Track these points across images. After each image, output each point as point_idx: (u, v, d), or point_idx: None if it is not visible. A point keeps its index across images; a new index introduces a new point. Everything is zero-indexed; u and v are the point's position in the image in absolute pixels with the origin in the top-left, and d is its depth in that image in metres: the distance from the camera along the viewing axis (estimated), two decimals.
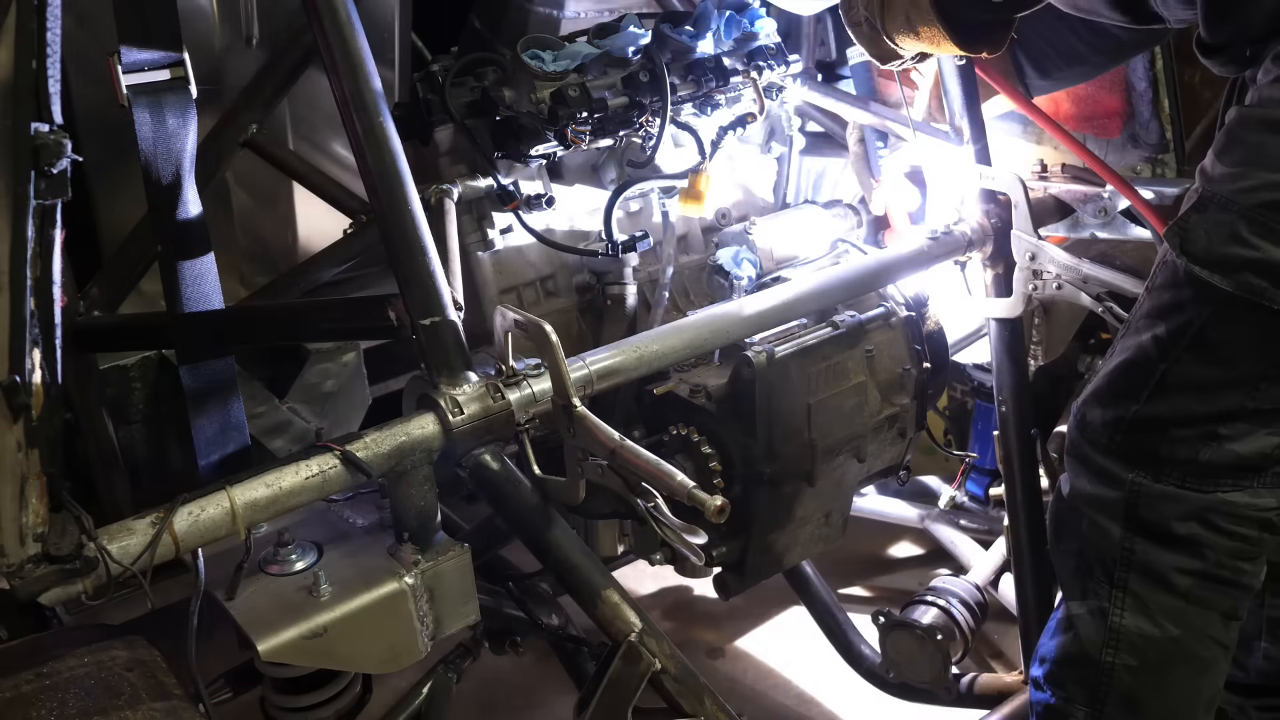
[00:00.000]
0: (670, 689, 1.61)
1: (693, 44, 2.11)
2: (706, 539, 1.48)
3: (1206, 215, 1.57)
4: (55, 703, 1.36)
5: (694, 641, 2.89)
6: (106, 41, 1.67)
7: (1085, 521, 1.77)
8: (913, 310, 2.23)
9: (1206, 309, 1.60)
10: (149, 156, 1.65)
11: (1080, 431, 1.78)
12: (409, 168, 1.63)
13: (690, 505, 1.42)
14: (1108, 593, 1.75)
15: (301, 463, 1.52)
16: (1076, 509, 1.79)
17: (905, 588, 3.05)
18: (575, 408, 1.54)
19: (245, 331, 2.12)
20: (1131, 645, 1.75)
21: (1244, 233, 1.52)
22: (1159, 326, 1.67)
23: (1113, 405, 1.73)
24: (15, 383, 1.31)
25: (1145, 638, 1.74)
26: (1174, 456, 1.67)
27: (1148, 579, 1.72)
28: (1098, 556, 1.77)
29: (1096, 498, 1.75)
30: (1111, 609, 1.75)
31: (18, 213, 1.28)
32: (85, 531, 1.39)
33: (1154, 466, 1.69)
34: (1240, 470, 1.64)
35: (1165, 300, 1.67)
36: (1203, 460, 1.65)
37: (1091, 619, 1.78)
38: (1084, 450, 1.77)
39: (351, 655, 1.59)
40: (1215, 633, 1.73)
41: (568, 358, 1.74)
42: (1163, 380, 1.67)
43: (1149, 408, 1.68)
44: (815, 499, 2.11)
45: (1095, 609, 1.78)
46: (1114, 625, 1.75)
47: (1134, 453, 1.70)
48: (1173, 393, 1.66)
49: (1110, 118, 2.56)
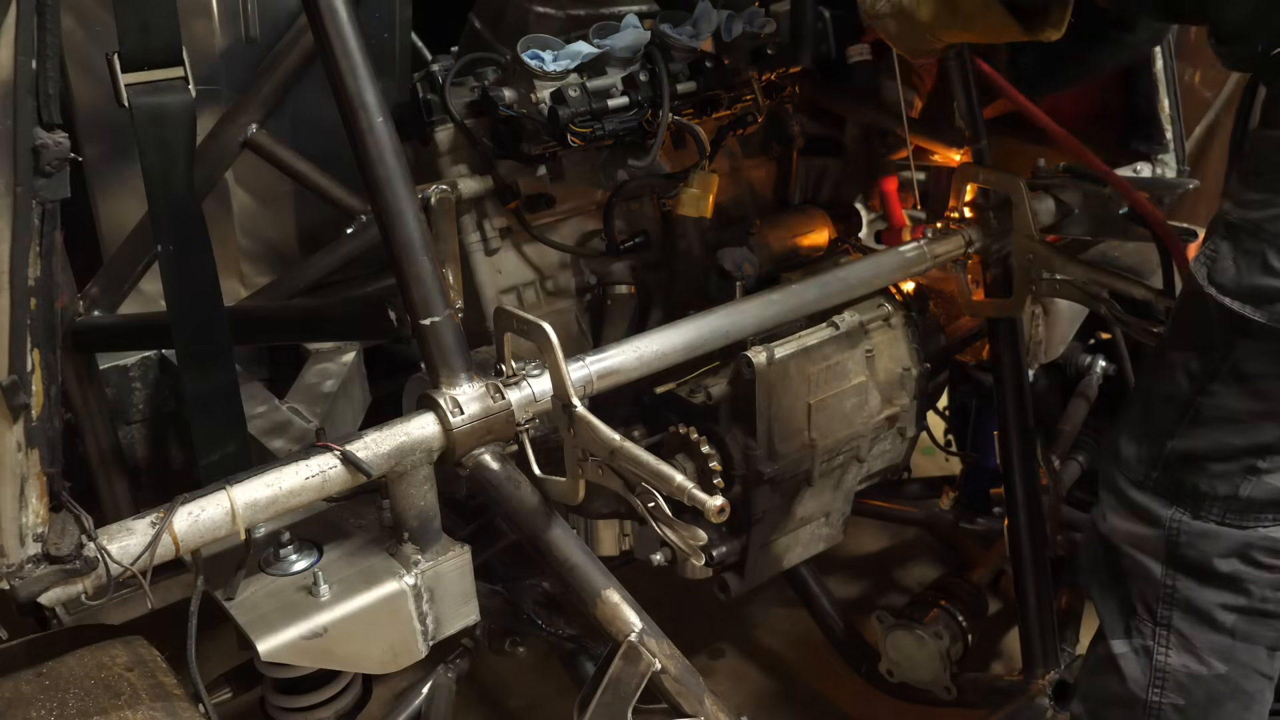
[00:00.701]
0: (670, 689, 1.61)
1: (693, 43, 2.11)
2: (706, 539, 1.48)
3: (1236, 244, 1.53)
4: (55, 703, 1.36)
5: (694, 641, 2.89)
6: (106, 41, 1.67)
7: (1126, 559, 1.74)
8: (913, 310, 2.23)
9: (1238, 341, 1.56)
10: (149, 156, 1.65)
11: (1115, 466, 1.75)
12: (409, 168, 1.63)
13: (690, 506, 1.42)
14: (1152, 631, 1.72)
15: (301, 463, 1.52)
16: (1115, 546, 1.76)
17: (905, 588, 3.05)
18: (575, 408, 1.54)
19: (245, 331, 2.12)
20: (1178, 684, 1.72)
21: (1276, 263, 1.48)
22: (1189, 359, 1.62)
23: (1147, 441, 1.69)
24: (15, 383, 1.31)
25: (1192, 676, 1.71)
26: (1214, 492, 1.63)
27: (1191, 616, 1.70)
28: (1140, 594, 1.74)
29: (1135, 535, 1.72)
30: (1156, 648, 1.72)
31: (18, 213, 1.27)
32: (85, 531, 1.39)
33: (1193, 503, 1.65)
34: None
35: (1192, 331, 1.62)
36: (1243, 496, 1.62)
37: (1136, 658, 1.75)
38: (1120, 485, 1.74)
39: (351, 655, 1.59)
40: (1261, 666, 1.71)
41: (568, 358, 1.74)
42: (1197, 414, 1.63)
43: (1185, 442, 1.65)
44: (815, 499, 2.11)
45: (1140, 648, 1.75)
46: (1159, 665, 1.72)
47: (1172, 489, 1.67)
48: (1208, 426, 1.62)
49: (1110, 117, 2.57)
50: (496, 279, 2.15)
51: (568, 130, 1.97)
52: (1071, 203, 2.31)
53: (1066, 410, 2.75)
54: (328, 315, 2.25)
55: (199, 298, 1.75)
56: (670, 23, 2.10)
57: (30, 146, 1.27)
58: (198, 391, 1.79)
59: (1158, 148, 2.55)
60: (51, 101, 1.28)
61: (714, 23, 2.12)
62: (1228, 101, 3.70)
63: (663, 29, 2.09)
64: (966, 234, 2.22)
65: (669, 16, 2.12)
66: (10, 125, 1.25)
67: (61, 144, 1.29)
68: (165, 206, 1.69)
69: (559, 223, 2.21)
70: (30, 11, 1.24)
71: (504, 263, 2.16)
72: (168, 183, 1.67)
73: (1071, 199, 2.31)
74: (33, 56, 1.25)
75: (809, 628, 2.62)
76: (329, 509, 1.72)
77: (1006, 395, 2.26)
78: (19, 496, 1.35)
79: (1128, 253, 2.61)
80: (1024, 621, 2.28)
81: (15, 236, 1.28)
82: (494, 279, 2.15)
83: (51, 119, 1.29)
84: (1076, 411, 2.74)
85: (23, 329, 1.31)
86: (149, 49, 1.61)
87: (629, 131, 2.05)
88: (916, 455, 2.39)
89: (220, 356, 1.80)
